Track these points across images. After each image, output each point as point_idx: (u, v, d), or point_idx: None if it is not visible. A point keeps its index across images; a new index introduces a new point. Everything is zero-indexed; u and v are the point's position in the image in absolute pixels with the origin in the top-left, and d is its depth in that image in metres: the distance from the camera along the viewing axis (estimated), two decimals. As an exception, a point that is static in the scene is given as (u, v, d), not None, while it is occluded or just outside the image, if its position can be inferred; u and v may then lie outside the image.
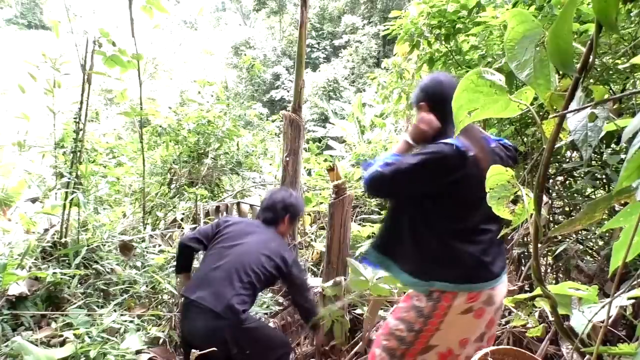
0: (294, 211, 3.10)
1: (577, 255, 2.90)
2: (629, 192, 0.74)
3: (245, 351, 2.52)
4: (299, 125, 3.79)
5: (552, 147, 0.79)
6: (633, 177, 0.64)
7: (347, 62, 23.66)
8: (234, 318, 2.48)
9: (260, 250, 2.73)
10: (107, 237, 4.09)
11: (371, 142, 7.10)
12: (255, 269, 2.63)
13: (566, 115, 0.79)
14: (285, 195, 3.13)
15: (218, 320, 2.47)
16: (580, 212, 0.81)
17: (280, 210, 3.04)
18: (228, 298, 2.50)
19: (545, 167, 0.82)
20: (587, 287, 1.01)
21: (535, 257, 0.94)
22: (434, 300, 1.96)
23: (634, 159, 0.63)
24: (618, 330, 2.52)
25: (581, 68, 0.73)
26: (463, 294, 1.93)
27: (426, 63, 3.96)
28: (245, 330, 2.52)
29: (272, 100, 24.32)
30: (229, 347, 2.49)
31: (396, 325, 2.09)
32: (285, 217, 3.04)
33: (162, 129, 5.49)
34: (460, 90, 1.01)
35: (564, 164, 3.15)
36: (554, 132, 0.77)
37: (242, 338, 2.51)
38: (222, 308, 2.48)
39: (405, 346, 2.04)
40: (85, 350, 2.83)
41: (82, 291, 3.53)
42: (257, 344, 2.57)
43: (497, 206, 1.05)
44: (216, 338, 2.44)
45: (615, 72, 2.83)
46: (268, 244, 2.82)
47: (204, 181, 5.71)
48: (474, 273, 1.96)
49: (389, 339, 2.10)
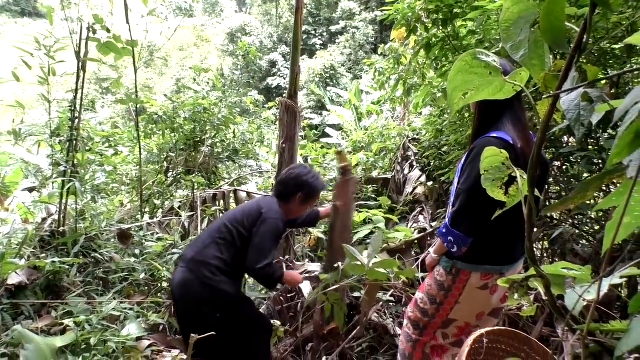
0: (309, 190, 2.88)
1: (572, 239, 2.92)
2: (621, 171, 0.74)
3: (216, 313, 2.51)
4: (295, 111, 3.78)
5: (546, 127, 0.79)
6: (623, 154, 0.65)
7: (344, 49, 23.52)
8: (200, 272, 2.51)
9: (244, 208, 2.72)
10: (105, 226, 4.10)
11: (368, 130, 7.09)
12: (233, 224, 2.63)
13: (560, 96, 0.79)
14: (302, 172, 2.91)
15: (189, 274, 2.53)
16: (573, 191, 0.82)
17: (293, 187, 2.85)
18: (199, 252, 2.57)
19: (539, 148, 0.82)
20: (581, 267, 1.02)
21: (529, 238, 0.95)
22: (453, 275, 2.12)
23: (624, 136, 0.63)
24: (613, 312, 2.55)
25: (575, 48, 0.73)
26: (477, 273, 2.07)
27: (423, 48, 3.94)
28: (214, 290, 2.51)
29: (268, 88, 24.22)
30: (199, 303, 2.52)
31: (421, 298, 2.28)
32: (297, 195, 2.85)
33: (158, 117, 5.47)
34: (455, 71, 1.00)
35: (560, 149, 3.16)
36: (548, 112, 0.77)
37: (212, 297, 2.51)
38: (192, 261, 2.55)
39: (428, 318, 2.25)
40: (86, 337, 2.85)
41: (82, 280, 3.54)
42: (230, 311, 2.55)
43: (491, 188, 1.06)
44: (186, 291, 2.54)
45: (612, 57, 2.83)
46: (256, 204, 2.74)
47: (200, 169, 5.71)
48: (495, 257, 2.08)
49: (414, 311, 2.33)
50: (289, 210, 2.88)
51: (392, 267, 2.54)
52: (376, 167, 6.15)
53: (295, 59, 4.00)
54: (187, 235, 4.56)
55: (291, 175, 2.88)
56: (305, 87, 20.58)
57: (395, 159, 5.79)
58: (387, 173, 5.91)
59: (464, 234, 2.00)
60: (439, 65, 4.15)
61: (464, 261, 2.09)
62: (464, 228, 2.00)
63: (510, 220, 1.79)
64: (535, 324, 2.89)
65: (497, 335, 1.74)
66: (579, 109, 0.85)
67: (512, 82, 0.97)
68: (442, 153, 4.69)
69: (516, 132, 1.95)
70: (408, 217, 4.78)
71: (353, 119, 9.24)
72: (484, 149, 1.08)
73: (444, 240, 2.09)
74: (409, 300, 2.55)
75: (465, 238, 2.01)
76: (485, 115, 2.07)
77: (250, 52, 9.04)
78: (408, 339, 2.39)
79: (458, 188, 2.06)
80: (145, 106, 5.73)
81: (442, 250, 2.17)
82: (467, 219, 1.99)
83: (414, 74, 4.98)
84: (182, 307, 2.62)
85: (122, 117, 11.86)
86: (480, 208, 1.91)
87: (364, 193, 5.50)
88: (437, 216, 4.46)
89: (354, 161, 6.07)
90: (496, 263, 2.08)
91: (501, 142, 1.89)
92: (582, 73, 0.94)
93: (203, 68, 7.07)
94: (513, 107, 2.01)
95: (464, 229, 2.00)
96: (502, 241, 2.07)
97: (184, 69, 25.26)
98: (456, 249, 2.04)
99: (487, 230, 1.99)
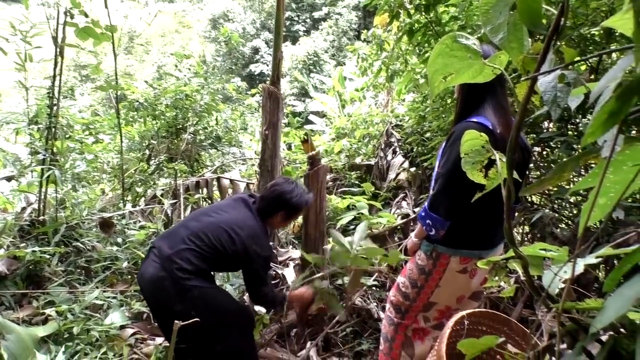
0: (291, 209, 2.84)
1: (552, 223, 2.97)
2: (596, 152, 0.76)
3: (191, 311, 2.42)
4: (278, 97, 3.76)
5: (524, 109, 0.79)
6: (597, 133, 0.66)
7: (327, 35, 23.38)
8: (172, 272, 2.46)
9: (228, 227, 2.64)
10: (86, 215, 4.06)
11: (352, 116, 7.08)
12: (212, 240, 2.57)
13: (538, 78, 0.79)
14: (285, 189, 2.84)
15: (162, 271, 2.49)
16: (550, 172, 0.83)
17: (276, 205, 2.81)
18: (175, 252, 2.51)
19: (517, 130, 0.82)
20: (558, 248, 1.04)
21: (508, 219, 0.96)
22: (433, 259, 2.16)
23: (598, 115, 0.64)
24: (591, 294, 2.61)
25: (553, 30, 0.74)
26: (456, 257, 2.11)
27: (406, 34, 3.94)
28: (188, 289, 2.47)
29: (251, 75, 24.04)
30: (171, 301, 2.47)
31: (403, 282, 2.33)
32: (279, 214, 2.83)
33: (139, 104, 5.40)
34: (435, 54, 1.01)
35: (541, 135, 3.20)
36: (526, 94, 0.78)
37: (185, 296, 2.47)
38: (167, 259, 2.49)
39: (409, 302, 2.30)
40: (69, 327, 2.84)
41: (63, 269, 3.51)
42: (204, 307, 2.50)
43: (471, 171, 1.07)
44: (157, 287, 2.50)
45: (592, 42, 2.86)
46: (241, 227, 2.68)
47: (183, 157, 5.67)
48: (473, 241, 2.11)
49: (396, 295, 2.37)
50: (271, 225, 2.89)
51: (378, 254, 2.57)
52: (359, 154, 6.17)
53: (278, 44, 3.96)
54: (169, 223, 4.54)
55: (274, 193, 2.83)
56: (289, 74, 20.47)
57: (379, 145, 5.81)
58: (370, 159, 5.93)
59: (441, 217, 2.02)
60: (421, 51, 4.16)
61: (444, 245, 2.12)
62: (441, 211, 2.02)
63: (489, 206, 1.81)
64: (515, 306, 2.96)
65: (477, 317, 1.77)
66: (555, 91, 0.86)
67: (491, 65, 0.98)
68: (424, 139, 4.71)
69: (496, 117, 1.96)
70: (391, 203, 4.81)
71: (336, 105, 9.21)
72: (462, 133, 1.09)
73: (423, 223, 2.12)
74: (393, 284, 2.58)
75: (443, 221, 2.03)
76: (467, 100, 2.09)
77: (232, 38, 8.94)
78: (390, 322, 2.43)
79: (437, 172, 2.08)
80: (126, 93, 5.64)
81: (422, 234, 2.20)
82: (445, 202, 2.01)
83: (397, 60, 4.98)
84: (154, 302, 2.59)
85: (103, 105, 11.68)
86: (457, 191, 1.93)
87: (348, 179, 5.51)
88: (419, 202, 4.50)
89: (337, 148, 6.07)
90: (475, 247, 2.11)
91: (480, 126, 1.90)
92: (560, 56, 0.95)
93: (184, 54, 6.99)
94: (495, 92, 2.02)
95: (442, 212, 2.02)
96: (481, 226, 2.10)
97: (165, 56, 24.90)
98: (434, 232, 2.06)
99: (466, 215, 2.02)
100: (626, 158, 0.76)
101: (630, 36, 0.68)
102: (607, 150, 0.69)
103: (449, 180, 1.98)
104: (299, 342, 3.31)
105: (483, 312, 1.79)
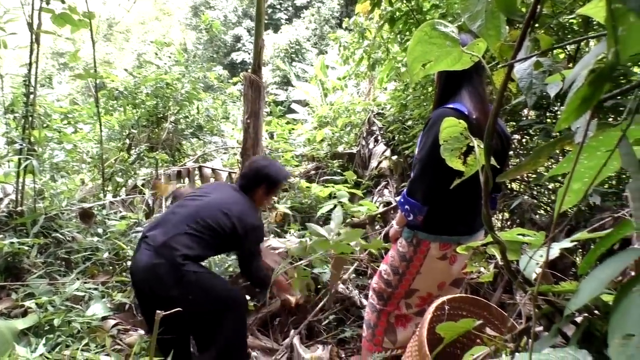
0: (270, 182, 2.96)
1: (531, 209, 3.02)
2: (570, 137, 0.77)
3: (188, 296, 2.50)
4: (260, 86, 3.73)
5: (502, 96, 0.80)
6: (570, 119, 0.67)
7: (309, 23, 23.20)
8: (171, 257, 2.49)
9: (219, 207, 2.70)
10: (65, 205, 3.99)
11: (334, 105, 7.07)
12: (209, 222, 2.62)
13: (515, 65, 0.81)
14: (263, 164, 2.99)
15: (157, 258, 2.50)
16: (526, 158, 0.84)
17: (255, 180, 2.93)
18: (171, 238, 2.53)
19: (494, 116, 0.83)
20: (535, 233, 1.06)
21: (486, 205, 0.98)
22: (414, 245, 2.19)
23: (571, 101, 0.65)
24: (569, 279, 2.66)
25: (529, 17, 0.74)
26: (436, 243, 2.14)
27: (387, 22, 3.94)
28: (185, 274, 2.50)
29: (233, 63, 23.79)
30: (167, 287, 2.49)
31: (385, 270, 2.35)
32: (260, 188, 2.94)
33: (119, 93, 5.31)
34: (414, 42, 1.01)
35: (520, 122, 3.24)
36: (503, 82, 0.78)
37: (182, 281, 2.50)
38: (163, 246, 2.51)
39: (391, 289, 2.33)
40: (49, 319, 2.80)
41: (43, 261, 3.46)
42: (201, 292, 2.54)
43: (450, 157, 1.08)
44: (153, 275, 2.50)
45: (571, 31, 2.89)
46: (230, 204, 2.76)
47: (164, 146, 5.61)
48: (453, 227, 2.15)
49: (379, 283, 2.40)
50: (255, 201, 2.96)
51: (357, 238, 2.59)
52: (342, 142, 6.17)
53: (259, 32, 3.93)
54: (151, 213, 4.50)
55: (253, 169, 2.95)
56: (271, 63, 20.30)
57: (361, 134, 5.82)
58: (352, 148, 5.95)
59: (419, 202, 2.05)
60: (403, 40, 4.16)
61: (424, 231, 2.15)
62: (419, 196, 2.05)
63: (467, 192, 1.83)
64: (495, 291, 3.01)
65: (458, 302, 1.80)
66: (531, 77, 0.87)
67: (469, 53, 0.98)
68: (406, 127, 4.73)
69: (472, 103, 1.99)
70: (373, 191, 4.83)
71: (319, 94, 9.18)
72: (438, 120, 1.10)
73: (402, 209, 2.14)
74: (374, 272, 2.61)
75: (421, 206, 2.05)
76: (444, 87, 2.12)
77: (214, 26, 8.83)
78: (373, 309, 2.46)
79: (415, 158, 2.11)
80: (105, 82, 5.55)
81: (403, 220, 2.22)
82: (422, 187, 2.04)
83: (378, 49, 4.98)
84: (149, 291, 2.57)
85: (82, 94, 11.48)
86: (434, 177, 1.97)
87: (330, 168, 5.52)
88: (401, 190, 4.53)
89: (319, 136, 6.07)
90: (454, 233, 2.14)
91: (456, 112, 1.94)
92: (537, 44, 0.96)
93: (165, 42, 6.89)
94: (472, 80, 2.06)
95: (419, 197, 2.05)
96: (460, 212, 2.13)
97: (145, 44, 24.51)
98: (412, 217, 2.09)
99: (444, 200, 2.05)
100: (599, 144, 0.77)
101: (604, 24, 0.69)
102: (580, 136, 0.71)
103: (426, 165, 2.01)
104: (282, 331, 3.33)
105: (463, 297, 1.82)
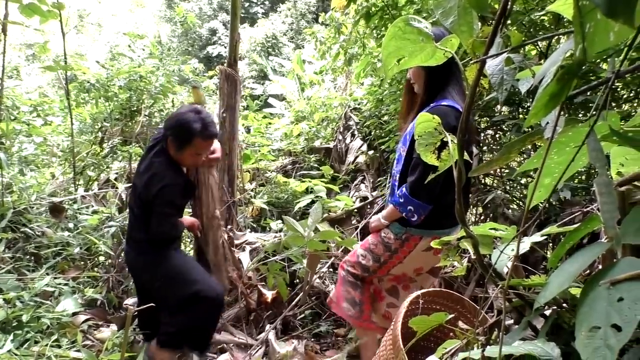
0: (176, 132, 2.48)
1: (503, 204, 3.08)
2: (540, 133, 0.78)
3: (155, 282, 2.59)
4: (236, 80, 3.69)
5: (474, 92, 0.81)
6: (540, 114, 0.68)
7: (285, 17, 23.09)
8: (132, 247, 2.68)
9: (135, 182, 2.67)
10: (35, 199, 3.90)
11: (311, 99, 7.06)
12: (131, 206, 2.70)
13: (487, 61, 0.81)
14: (179, 111, 2.54)
15: (127, 248, 2.75)
16: (497, 153, 0.85)
17: (165, 129, 2.53)
18: (129, 229, 2.72)
19: (467, 112, 0.84)
20: (506, 228, 1.07)
21: (459, 199, 0.99)
22: (402, 240, 2.24)
23: (540, 97, 0.66)
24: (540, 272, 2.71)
25: (500, 14, 0.75)
26: (427, 238, 2.19)
27: (363, 17, 3.95)
28: (146, 259, 2.60)
29: (208, 57, 23.51)
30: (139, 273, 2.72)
31: (364, 255, 2.38)
32: (168, 139, 2.53)
33: (91, 85, 5.19)
34: (388, 37, 1.01)
35: (493, 118, 3.29)
36: (475, 77, 0.79)
37: (145, 266, 2.63)
38: (128, 238, 2.74)
39: (368, 274, 2.39)
40: (18, 314, 2.75)
41: (11, 255, 3.38)
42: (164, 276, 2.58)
43: (424, 153, 1.09)
44: (128, 264, 2.82)
45: (542, 28, 2.95)
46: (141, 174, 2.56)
47: (138, 139, 5.50)
48: (441, 222, 2.21)
49: (355, 267, 2.42)
50: (175, 157, 2.59)
51: (332, 238, 2.62)
52: (318, 137, 6.17)
53: (235, 26, 3.88)
54: (124, 208, 4.43)
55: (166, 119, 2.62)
56: (247, 57, 20.14)
57: (337, 129, 5.82)
58: (329, 142, 5.95)
59: (424, 203, 2.09)
60: (378, 35, 4.17)
61: (419, 228, 2.20)
62: (424, 197, 2.09)
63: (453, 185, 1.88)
64: (469, 285, 3.07)
65: (432, 296, 1.83)
66: (502, 74, 0.88)
67: (442, 49, 0.99)
68: (382, 122, 4.76)
69: (461, 99, 2.05)
70: (350, 186, 4.85)
71: (296, 88, 9.15)
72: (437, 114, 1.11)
73: (402, 210, 2.16)
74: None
75: (425, 206, 2.10)
76: (431, 85, 2.15)
77: (188, 18, 8.71)
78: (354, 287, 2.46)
79: (415, 158, 2.11)
80: (77, 74, 5.41)
81: (393, 217, 2.25)
82: (427, 188, 2.05)
83: (355, 44, 4.99)
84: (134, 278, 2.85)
85: (52, 86, 11.21)
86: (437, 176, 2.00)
87: (307, 163, 5.52)
88: (377, 184, 4.55)
89: (296, 131, 6.06)
90: (445, 227, 2.21)
91: (454, 110, 1.99)
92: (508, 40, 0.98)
93: (138, 34, 6.75)
94: (456, 76, 2.10)
95: (424, 198, 2.09)
96: (449, 205, 2.16)
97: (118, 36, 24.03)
98: (416, 217, 2.13)
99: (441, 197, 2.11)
100: (568, 139, 0.79)
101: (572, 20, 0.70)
102: (549, 131, 0.72)
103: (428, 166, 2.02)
104: (257, 326, 3.32)
105: (437, 291, 1.85)
